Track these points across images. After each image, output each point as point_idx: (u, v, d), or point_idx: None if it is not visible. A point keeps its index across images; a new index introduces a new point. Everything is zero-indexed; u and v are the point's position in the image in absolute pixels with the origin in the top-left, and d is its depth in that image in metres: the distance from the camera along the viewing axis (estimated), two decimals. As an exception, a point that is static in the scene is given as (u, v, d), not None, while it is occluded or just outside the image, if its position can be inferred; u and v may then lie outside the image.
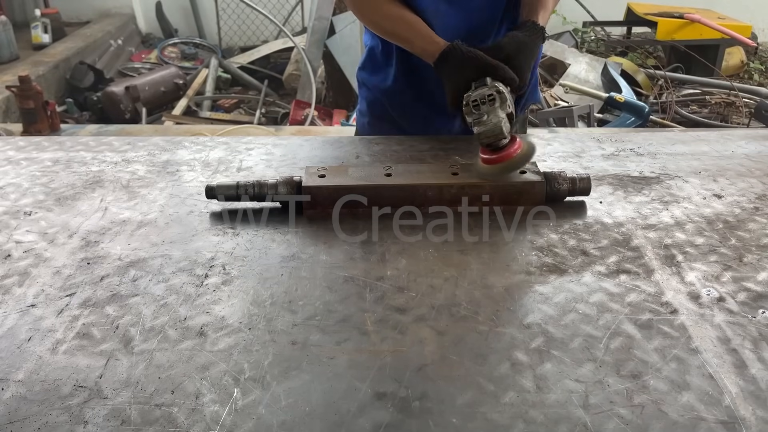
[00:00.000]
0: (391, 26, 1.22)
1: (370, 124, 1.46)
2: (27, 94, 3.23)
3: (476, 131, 1.01)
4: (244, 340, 0.73)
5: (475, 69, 1.05)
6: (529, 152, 1.00)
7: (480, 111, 1.00)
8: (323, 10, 4.50)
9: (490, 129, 0.99)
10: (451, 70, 1.09)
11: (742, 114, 4.31)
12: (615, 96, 3.85)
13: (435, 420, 0.62)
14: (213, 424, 0.61)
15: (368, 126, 1.46)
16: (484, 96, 1.01)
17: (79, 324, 0.76)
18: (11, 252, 0.92)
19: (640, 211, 1.02)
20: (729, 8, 5.61)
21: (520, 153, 1.00)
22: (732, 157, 1.24)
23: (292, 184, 1.00)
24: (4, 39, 5.01)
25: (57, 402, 0.64)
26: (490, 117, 0.99)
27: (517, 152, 0.99)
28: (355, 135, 1.52)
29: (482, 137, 1.00)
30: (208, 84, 4.97)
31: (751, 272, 0.85)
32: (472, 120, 1.02)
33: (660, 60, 5.42)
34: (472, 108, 1.01)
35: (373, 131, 1.45)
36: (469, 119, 1.02)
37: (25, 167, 1.21)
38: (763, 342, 0.72)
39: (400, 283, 0.83)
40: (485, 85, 1.02)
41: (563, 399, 0.64)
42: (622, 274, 0.85)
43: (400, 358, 0.70)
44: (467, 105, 1.02)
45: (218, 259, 0.89)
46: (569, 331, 0.74)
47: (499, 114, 0.99)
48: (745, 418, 0.62)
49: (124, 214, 1.02)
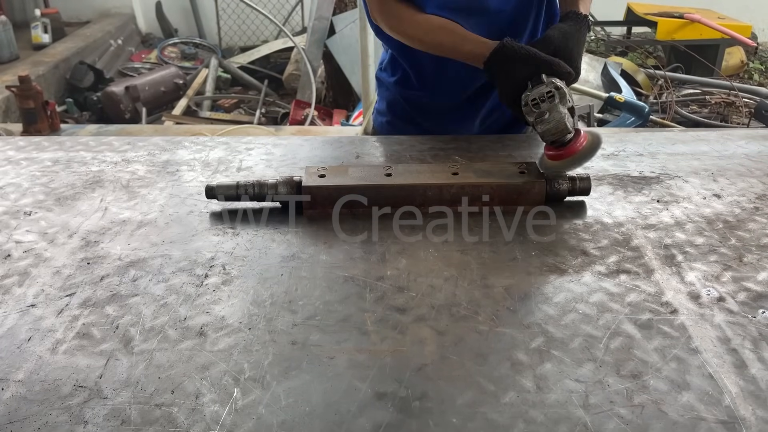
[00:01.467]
0: (433, 38, 1.20)
1: (390, 123, 1.46)
2: (27, 94, 3.24)
3: (540, 130, 1.00)
4: (244, 340, 0.73)
5: (530, 66, 1.03)
6: (595, 143, 0.99)
7: (540, 109, 0.99)
8: (323, 10, 4.51)
9: (554, 126, 0.98)
10: (506, 70, 1.06)
11: (742, 114, 4.32)
12: (615, 96, 3.85)
13: (435, 420, 0.62)
14: (213, 424, 0.61)
15: (387, 125, 1.46)
16: (543, 94, 0.99)
17: (79, 324, 0.76)
18: (11, 252, 0.92)
19: (640, 211, 1.02)
20: (729, 8, 5.62)
21: (586, 145, 0.99)
22: (732, 157, 1.24)
23: (292, 184, 1.00)
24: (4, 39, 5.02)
25: (57, 402, 0.64)
26: (552, 114, 0.98)
27: (583, 144, 0.99)
28: (372, 134, 1.52)
29: (547, 135, 0.99)
30: (208, 84, 4.98)
31: (751, 272, 0.85)
32: (533, 119, 1.00)
33: (660, 60, 5.43)
34: (532, 107, 1.00)
35: (392, 130, 1.44)
36: (530, 119, 1.01)
37: (25, 167, 1.21)
38: (763, 342, 0.72)
39: (400, 283, 0.83)
40: (542, 83, 1.01)
41: (563, 399, 0.64)
42: (622, 274, 0.85)
43: (400, 357, 0.70)
44: (527, 105, 1.01)
45: (218, 259, 0.89)
46: (569, 331, 0.74)
47: (561, 110, 0.98)
48: (745, 417, 0.62)
49: (124, 214, 1.02)
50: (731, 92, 4.51)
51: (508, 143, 1.29)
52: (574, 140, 0.99)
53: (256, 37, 6.23)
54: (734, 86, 4.55)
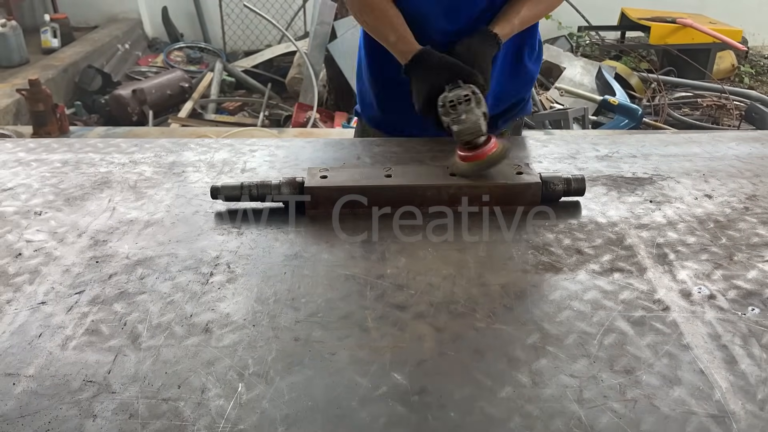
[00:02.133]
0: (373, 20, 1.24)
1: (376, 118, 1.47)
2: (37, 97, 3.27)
3: (455, 130, 1.04)
4: (249, 337, 0.74)
5: (450, 74, 1.09)
6: (504, 150, 1.03)
7: (457, 111, 1.04)
8: (325, 15, 4.53)
9: (469, 127, 1.03)
10: (425, 74, 1.12)
11: (732, 116, 4.33)
12: (609, 99, 3.87)
13: (434, 414, 0.63)
14: (218, 418, 0.62)
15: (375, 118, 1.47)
16: (460, 96, 1.04)
17: (88, 321, 0.77)
18: (22, 251, 0.93)
19: (633, 211, 1.03)
20: (720, 13, 5.65)
21: (496, 151, 1.02)
22: (723, 159, 1.25)
23: (295, 185, 1.02)
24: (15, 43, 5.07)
25: (67, 396, 0.65)
26: (468, 116, 1.03)
27: (493, 150, 1.02)
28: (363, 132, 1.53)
29: (462, 135, 1.04)
30: (213, 87, 5.00)
31: (741, 270, 0.87)
32: (449, 120, 1.05)
33: (653, 64, 5.45)
34: (449, 108, 1.05)
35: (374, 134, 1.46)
36: (446, 119, 1.06)
37: (36, 168, 1.23)
38: (752, 338, 0.73)
39: (400, 281, 0.84)
40: (459, 87, 1.06)
41: (558, 393, 0.65)
42: (615, 273, 0.86)
43: (399, 353, 0.71)
44: (444, 106, 1.06)
45: (223, 258, 0.90)
46: (564, 328, 0.75)
47: (477, 112, 1.04)
48: (735, 412, 0.63)
49: (131, 214, 1.04)
50: (722, 95, 4.52)
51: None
52: (485, 145, 1.03)
53: (260, 42, 6.26)
54: (725, 89, 4.56)
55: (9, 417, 0.63)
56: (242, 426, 0.62)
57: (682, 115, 4.45)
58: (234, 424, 0.62)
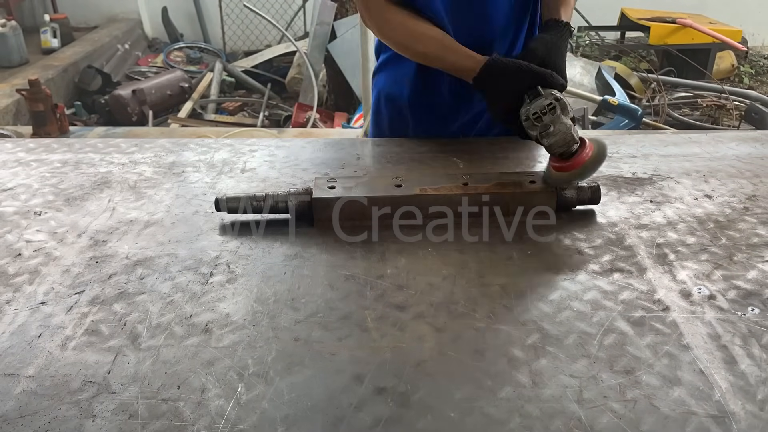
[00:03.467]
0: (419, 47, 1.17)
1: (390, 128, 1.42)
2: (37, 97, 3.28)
3: (546, 143, 0.97)
4: (248, 337, 0.74)
5: (524, 80, 1.01)
6: (602, 151, 0.96)
7: (543, 122, 0.97)
8: (325, 16, 4.54)
9: (561, 138, 0.96)
10: (499, 85, 1.04)
11: (732, 116, 4.34)
12: (609, 99, 3.87)
13: (434, 414, 0.63)
14: (218, 418, 0.62)
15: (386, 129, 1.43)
16: (543, 106, 0.97)
17: (88, 321, 0.77)
18: (22, 251, 0.93)
19: (633, 211, 1.03)
20: (720, 13, 5.66)
21: (593, 154, 0.96)
22: (722, 159, 1.25)
23: (303, 199, 0.98)
24: (15, 44, 5.08)
25: (66, 397, 0.65)
26: (557, 126, 0.96)
27: (590, 155, 0.96)
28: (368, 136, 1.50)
29: (555, 147, 0.96)
30: (212, 87, 5.01)
31: (740, 271, 0.87)
32: (537, 133, 0.98)
33: (653, 64, 5.46)
34: (534, 121, 0.98)
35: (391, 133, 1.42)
36: (533, 133, 0.99)
37: (35, 168, 1.23)
38: (752, 338, 0.73)
39: (400, 282, 0.84)
40: (540, 95, 0.99)
41: (558, 394, 0.65)
42: (615, 273, 0.86)
43: (399, 354, 0.71)
44: (528, 119, 0.99)
45: (223, 258, 0.90)
46: (564, 328, 0.75)
47: (565, 120, 0.96)
48: (735, 412, 0.63)
49: (131, 214, 1.04)
50: (722, 95, 4.53)
51: (505, 145, 1.30)
52: (581, 150, 0.96)
53: (260, 42, 6.27)
54: (725, 89, 4.57)
55: (9, 417, 0.63)
56: (242, 426, 0.62)
57: (682, 115, 4.46)
58: (234, 425, 0.62)
